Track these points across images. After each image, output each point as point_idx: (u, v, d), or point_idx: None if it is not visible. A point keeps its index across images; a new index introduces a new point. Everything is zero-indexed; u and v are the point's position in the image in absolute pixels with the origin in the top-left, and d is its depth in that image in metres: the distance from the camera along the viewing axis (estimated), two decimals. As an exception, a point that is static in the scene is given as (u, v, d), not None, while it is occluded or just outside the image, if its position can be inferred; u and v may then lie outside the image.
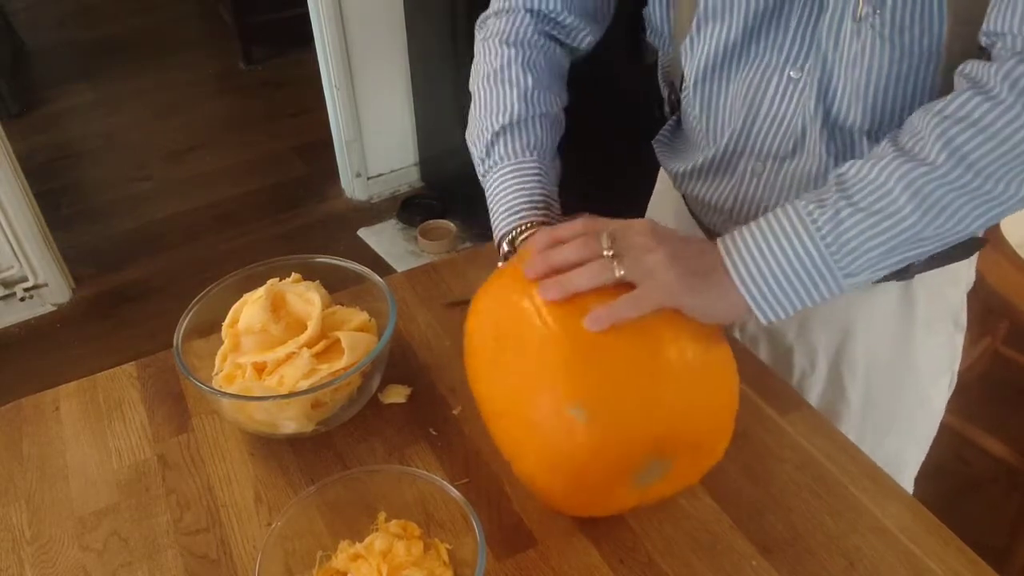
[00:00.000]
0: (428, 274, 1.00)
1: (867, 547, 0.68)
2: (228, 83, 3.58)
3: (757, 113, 0.77)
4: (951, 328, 0.89)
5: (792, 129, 0.76)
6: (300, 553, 0.65)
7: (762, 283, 0.63)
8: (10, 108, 3.26)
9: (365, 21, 2.48)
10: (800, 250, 0.62)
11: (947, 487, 0.97)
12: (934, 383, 0.91)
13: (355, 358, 0.77)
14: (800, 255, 0.62)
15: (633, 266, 0.62)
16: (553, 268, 0.64)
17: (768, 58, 0.74)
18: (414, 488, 0.68)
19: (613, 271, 0.62)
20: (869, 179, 0.62)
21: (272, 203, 2.83)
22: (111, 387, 0.87)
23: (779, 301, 0.64)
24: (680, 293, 0.62)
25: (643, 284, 0.62)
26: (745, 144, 0.80)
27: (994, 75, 0.59)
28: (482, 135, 0.82)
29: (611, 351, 0.60)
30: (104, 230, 2.73)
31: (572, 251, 0.64)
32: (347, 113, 2.62)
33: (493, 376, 0.67)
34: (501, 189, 0.78)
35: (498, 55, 0.83)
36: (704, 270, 0.64)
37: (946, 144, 0.59)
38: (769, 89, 0.76)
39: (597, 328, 0.60)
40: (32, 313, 2.40)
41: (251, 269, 0.85)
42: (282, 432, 0.77)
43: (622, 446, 0.61)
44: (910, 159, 0.61)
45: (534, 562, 0.68)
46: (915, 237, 0.62)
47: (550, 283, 0.63)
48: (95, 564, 0.70)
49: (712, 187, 0.86)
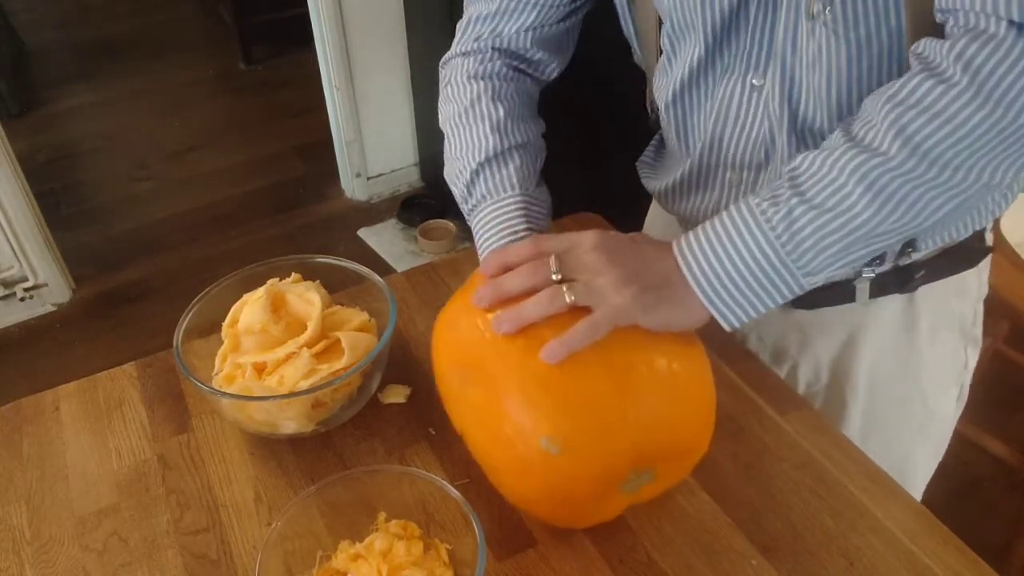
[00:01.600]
0: (428, 274, 1.00)
1: (867, 547, 0.68)
2: (228, 83, 3.59)
3: (725, 124, 0.76)
4: (958, 339, 0.87)
5: (761, 137, 0.75)
6: (300, 553, 0.65)
7: (720, 288, 0.61)
8: (10, 108, 3.26)
9: (365, 21, 2.48)
10: (756, 251, 0.60)
11: (947, 487, 0.97)
12: (940, 394, 0.90)
13: (355, 358, 0.77)
14: (756, 256, 0.60)
15: (584, 291, 0.61)
16: (503, 297, 0.63)
17: (732, 68, 0.73)
18: (414, 488, 0.68)
19: (564, 297, 0.60)
20: (821, 174, 0.59)
21: (272, 203, 2.83)
22: (111, 387, 0.87)
23: (739, 304, 0.62)
24: (636, 313, 0.60)
25: (596, 308, 0.60)
26: (719, 156, 0.79)
27: (946, 55, 0.55)
28: (461, 175, 0.79)
29: (574, 378, 0.59)
30: (104, 230, 2.73)
31: (520, 279, 0.62)
32: (347, 113, 2.62)
33: (462, 409, 0.67)
34: (486, 230, 0.77)
35: (467, 91, 0.81)
36: (658, 283, 0.62)
37: (899, 132, 0.56)
38: (735, 99, 0.74)
39: (554, 361, 0.59)
40: (32, 313, 2.40)
41: (251, 269, 0.85)
42: (282, 432, 0.77)
43: (598, 469, 0.60)
44: (863, 150, 0.58)
45: (534, 562, 0.68)
46: (872, 232, 0.60)
47: (503, 316, 0.61)
48: (95, 564, 0.70)
49: (694, 202, 0.85)
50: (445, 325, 0.70)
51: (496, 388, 0.62)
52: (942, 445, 0.95)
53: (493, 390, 0.62)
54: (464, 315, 0.66)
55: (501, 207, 0.77)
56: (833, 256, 0.60)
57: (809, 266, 0.60)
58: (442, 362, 0.69)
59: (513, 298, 0.62)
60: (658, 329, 0.62)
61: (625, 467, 0.61)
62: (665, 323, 0.62)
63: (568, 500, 0.63)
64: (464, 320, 0.66)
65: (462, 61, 0.84)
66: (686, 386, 0.63)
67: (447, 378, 0.68)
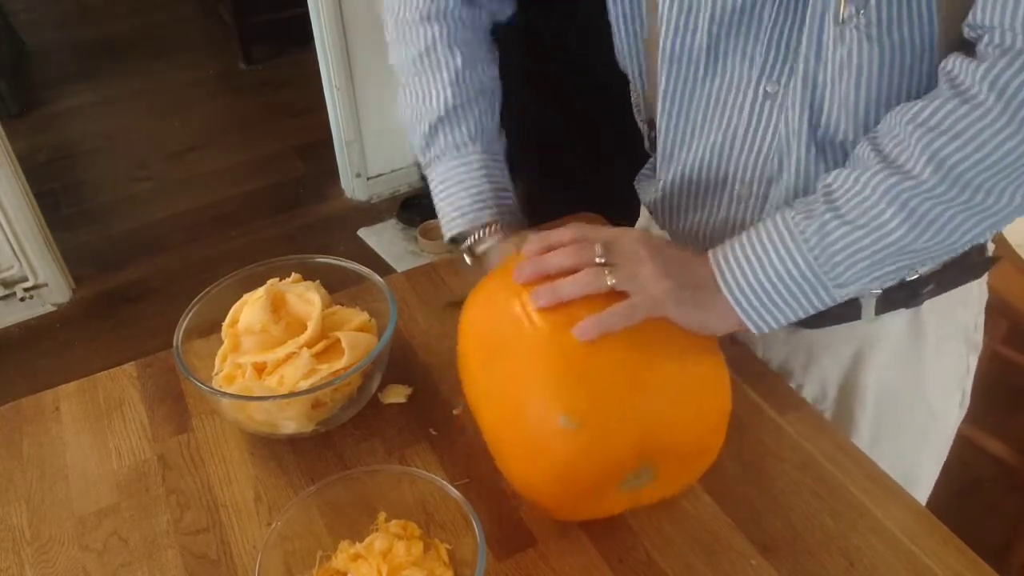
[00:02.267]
0: (428, 274, 1.00)
1: (867, 547, 0.68)
2: (228, 83, 3.58)
3: (735, 135, 0.73)
4: (962, 348, 0.87)
5: (774, 148, 0.72)
6: (300, 553, 0.65)
7: (751, 294, 0.63)
8: (10, 108, 3.26)
9: (365, 21, 2.48)
10: (788, 261, 0.62)
11: (948, 487, 0.97)
12: (944, 400, 0.89)
13: (355, 358, 0.77)
14: (788, 266, 0.62)
15: (625, 276, 0.62)
16: (544, 274, 0.64)
17: (739, 72, 0.70)
18: (414, 488, 0.68)
19: (605, 280, 0.62)
20: (855, 191, 0.61)
21: (272, 203, 2.83)
22: (111, 387, 0.87)
23: (769, 312, 0.63)
24: (671, 305, 0.62)
25: (634, 295, 0.61)
26: (726, 169, 0.76)
27: (978, 79, 0.56)
28: (418, 125, 0.80)
29: (600, 360, 0.61)
30: (104, 230, 2.73)
31: (564, 257, 0.63)
32: (347, 113, 2.62)
33: (484, 381, 0.67)
34: (446, 186, 0.78)
35: (420, 35, 0.80)
36: (695, 283, 0.64)
37: (931, 157, 0.57)
38: (745, 108, 0.71)
39: (586, 338, 0.60)
40: (32, 313, 2.40)
41: (251, 269, 0.85)
42: (282, 432, 0.77)
43: (607, 455, 0.61)
44: (895, 171, 0.59)
45: (534, 562, 0.68)
46: (904, 249, 0.61)
47: (541, 290, 0.62)
48: (95, 564, 0.70)
49: (696, 218, 0.82)
50: (478, 303, 0.70)
51: (521, 361, 0.63)
52: (944, 449, 0.94)
53: (518, 364, 0.63)
54: (500, 292, 0.67)
55: (463, 163, 0.78)
56: (864, 270, 0.62)
57: (840, 278, 0.62)
58: (469, 339, 0.69)
59: (552, 276, 0.63)
60: (688, 327, 0.63)
61: (631, 457, 0.62)
62: (697, 323, 0.63)
63: (572, 485, 0.63)
64: (499, 296, 0.67)
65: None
66: (700, 391, 0.64)
67: (473, 355, 0.68)
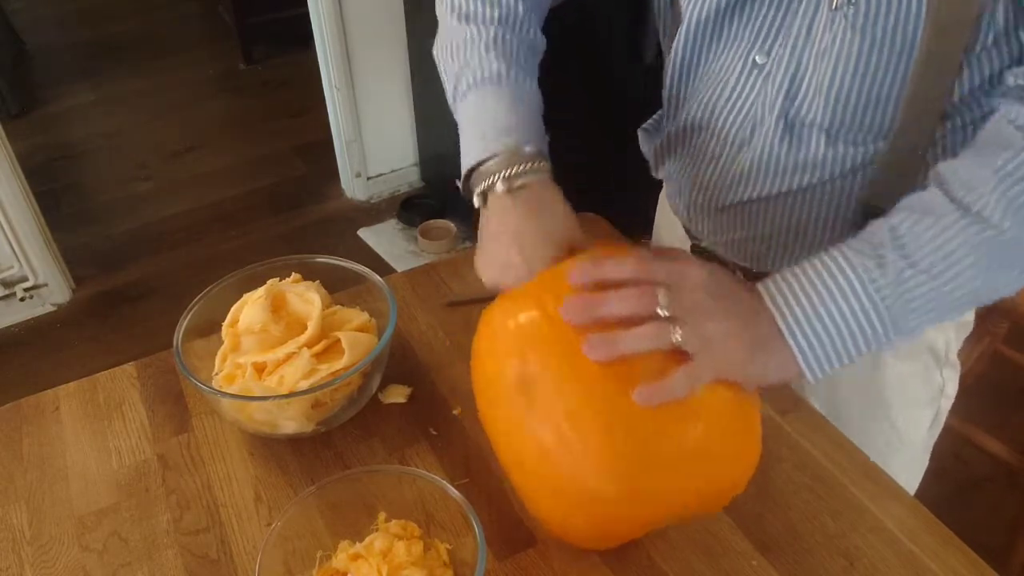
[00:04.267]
0: (428, 274, 1.00)
1: (867, 547, 0.68)
2: (228, 83, 3.58)
3: (720, 94, 0.77)
4: (929, 360, 0.85)
5: (750, 115, 0.75)
6: (300, 553, 0.65)
7: (818, 348, 0.59)
8: (10, 108, 3.26)
9: (365, 21, 2.48)
10: (861, 315, 0.59)
11: (947, 487, 0.97)
12: (909, 415, 0.88)
13: (355, 358, 0.77)
14: (860, 321, 0.59)
15: (692, 334, 0.57)
16: (599, 320, 0.57)
17: (738, 39, 0.73)
18: (414, 488, 0.68)
19: (670, 337, 0.56)
20: (933, 241, 0.59)
21: (272, 203, 2.83)
22: (111, 387, 0.87)
23: (829, 361, 0.60)
24: (738, 367, 0.58)
25: (700, 355, 0.57)
26: (709, 122, 0.79)
27: None
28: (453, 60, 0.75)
29: (651, 425, 0.56)
30: (104, 230, 2.73)
31: (623, 305, 0.57)
32: (347, 113, 2.62)
33: (513, 410, 0.61)
34: (477, 112, 0.71)
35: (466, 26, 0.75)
36: (762, 338, 0.59)
37: (1009, 204, 0.57)
38: (734, 72, 0.75)
39: (648, 405, 0.55)
40: (32, 313, 2.40)
41: (251, 269, 0.85)
42: (282, 432, 0.77)
43: (649, 516, 0.60)
44: (974, 220, 0.58)
45: (534, 562, 0.68)
46: (978, 297, 0.61)
47: (597, 342, 0.56)
48: (95, 564, 0.70)
49: (678, 167, 0.86)
50: (508, 313, 0.63)
51: (563, 404, 0.57)
52: (916, 468, 0.93)
53: (559, 405, 0.58)
54: (534, 321, 0.60)
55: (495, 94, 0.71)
56: (934, 317, 0.60)
57: (906, 326, 0.60)
58: (494, 350, 0.63)
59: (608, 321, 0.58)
60: (750, 383, 0.60)
61: (672, 515, 0.61)
62: (759, 377, 0.60)
63: (606, 537, 0.63)
64: (535, 326, 0.60)
65: None
66: (743, 445, 0.61)
67: (499, 385, 0.62)
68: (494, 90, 0.72)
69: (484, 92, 0.72)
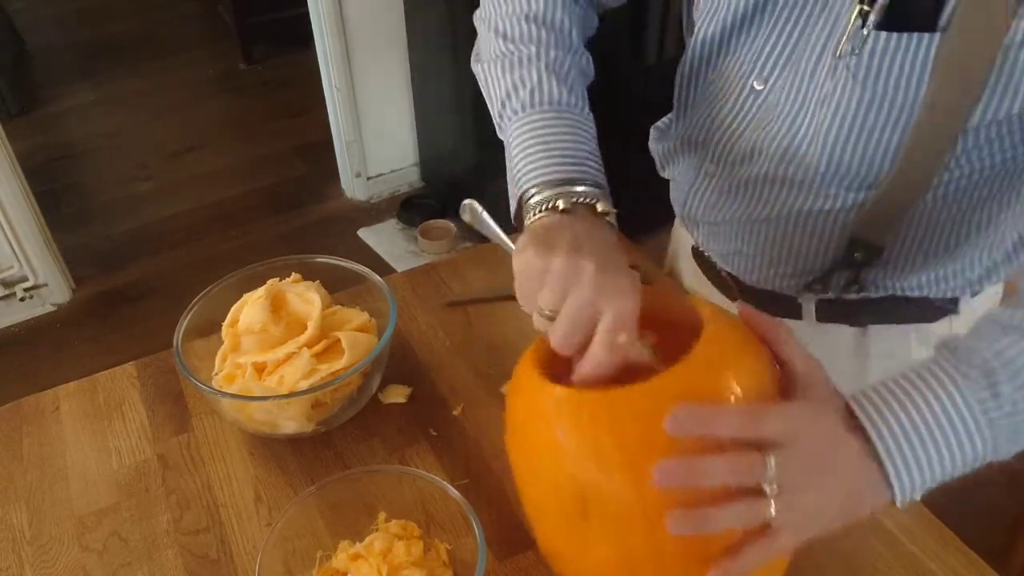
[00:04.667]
0: (428, 274, 1.00)
1: (867, 547, 0.68)
2: (228, 83, 3.58)
3: (719, 113, 0.76)
4: None
5: (746, 140, 0.74)
6: (300, 553, 0.65)
7: (919, 483, 0.54)
8: (10, 108, 3.26)
9: (365, 21, 2.48)
10: (968, 447, 0.54)
11: (947, 487, 0.96)
12: None
13: (355, 358, 0.77)
14: (966, 451, 0.54)
15: (785, 510, 0.51)
16: (697, 487, 0.50)
17: (741, 61, 0.72)
18: (414, 488, 0.68)
19: (763, 513, 0.50)
20: None
21: (272, 203, 2.83)
22: (111, 387, 0.87)
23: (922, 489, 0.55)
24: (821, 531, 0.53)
25: (786, 530, 0.52)
26: (707, 138, 0.78)
27: None
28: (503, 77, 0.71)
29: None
30: (104, 230, 2.73)
31: (728, 473, 0.50)
32: (347, 113, 2.62)
33: (573, 539, 0.56)
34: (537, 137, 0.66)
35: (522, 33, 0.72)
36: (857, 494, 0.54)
37: None
38: (732, 93, 0.74)
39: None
40: (32, 313, 2.40)
41: (251, 269, 0.85)
42: (282, 432, 0.77)
43: None
44: None
45: (534, 562, 0.68)
46: None
47: (683, 519, 0.50)
48: (95, 564, 0.70)
49: (679, 173, 0.85)
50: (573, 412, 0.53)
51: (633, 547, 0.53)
52: None
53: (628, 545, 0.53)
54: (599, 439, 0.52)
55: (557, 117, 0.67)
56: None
57: (1003, 452, 0.56)
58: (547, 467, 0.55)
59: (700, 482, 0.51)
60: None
61: None
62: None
63: None
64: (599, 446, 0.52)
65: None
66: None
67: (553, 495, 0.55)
68: (556, 115, 0.68)
69: (545, 114, 0.68)
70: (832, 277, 0.77)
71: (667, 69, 0.89)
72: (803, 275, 0.78)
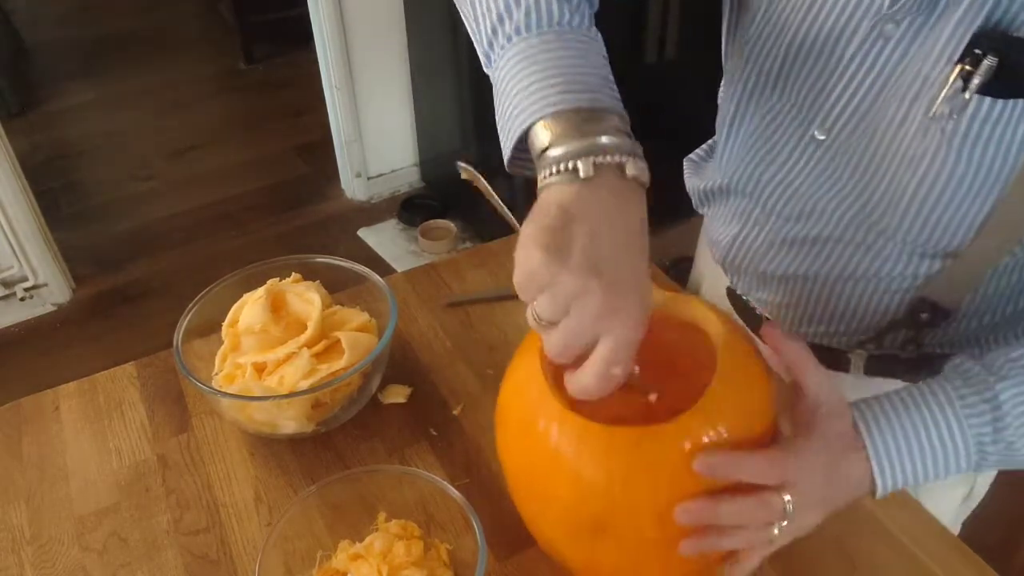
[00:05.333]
0: (428, 274, 1.00)
1: (868, 548, 0.68)
2: (228, 83, 3.58)
3: (771, 161, 0.69)
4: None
5: (802, 195, 0.68)
6: (300, 553, 0.65)
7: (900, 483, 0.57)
8: (10, 107, 3.26)
9: (365, 21, 2.48)
10: (953, 468, 0.57)
11: (946, 487, 0.96)
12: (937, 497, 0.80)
13: (355, 358, 0.77)
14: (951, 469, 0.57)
15: (788, 531, 0.55)
16: (712, 524, 0.52)
17: (801, 102, 0.65)
18: (414, 488, 0.68)
19: (770, 535, 0.54)
20: None
21: (272, 203, 2.83)
22: (111, 387, 0.87)
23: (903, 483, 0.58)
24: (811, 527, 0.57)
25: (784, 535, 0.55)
26: (756, 188, 0.72)
27: None
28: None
29: None
30: (104, 230, 2.73)
31: (746, 515, 0.53)
32: (347, 113, 2.62)
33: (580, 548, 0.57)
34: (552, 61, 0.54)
35: None
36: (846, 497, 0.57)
37: None
38: (787, 140, 0.67)
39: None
40: (32, 313, 2.40)
41: (251, 269, 0.85)
42: (282, 432, 0.77)
43: None
44: None
45: (534, 562, 0.68)
46: None
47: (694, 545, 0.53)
48: (95, 564, 0.70)
49: (721, 216, 0.80)
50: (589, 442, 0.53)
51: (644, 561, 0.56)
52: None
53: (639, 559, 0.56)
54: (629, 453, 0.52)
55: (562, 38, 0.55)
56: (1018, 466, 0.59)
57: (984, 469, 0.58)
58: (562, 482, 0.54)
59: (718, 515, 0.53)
60: None
61: None
62: None
63: None
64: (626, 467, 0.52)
65: None
66: None
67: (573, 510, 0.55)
68: (557, 37, 0.55)
69: (545, 36, 0.55)
70: (889, 335, 0.72)
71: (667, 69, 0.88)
72: (858, 333, 0.73)
